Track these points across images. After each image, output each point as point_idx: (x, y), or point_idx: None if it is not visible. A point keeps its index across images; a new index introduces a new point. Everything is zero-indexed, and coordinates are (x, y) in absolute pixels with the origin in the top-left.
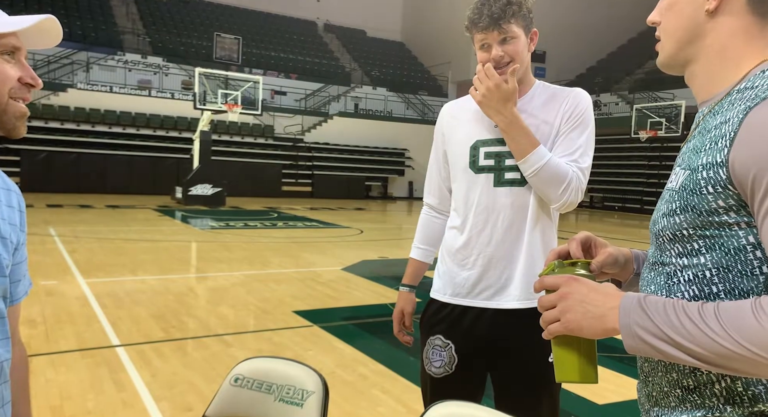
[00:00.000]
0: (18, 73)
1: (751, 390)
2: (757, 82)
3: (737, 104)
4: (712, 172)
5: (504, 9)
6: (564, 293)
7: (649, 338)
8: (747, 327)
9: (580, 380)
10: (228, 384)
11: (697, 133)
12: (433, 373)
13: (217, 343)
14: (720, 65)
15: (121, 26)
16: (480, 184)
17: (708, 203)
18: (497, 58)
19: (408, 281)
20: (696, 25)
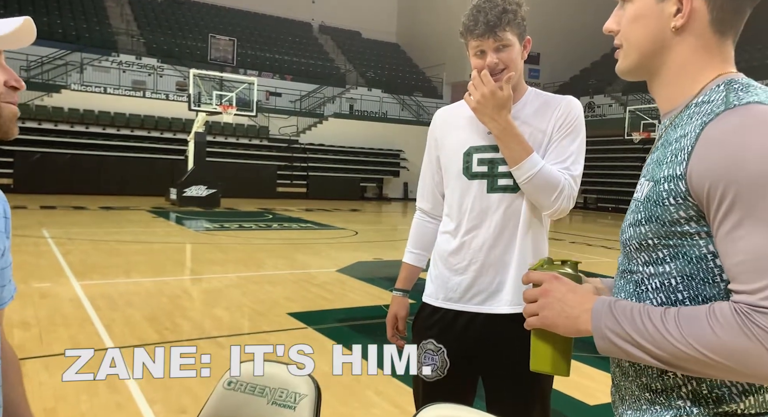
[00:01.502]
0: (3, 77)
1: (715, 392)
2: (712, 96)
3: (695, 118)
4: (672, 184)
5: (500, 17)
6: (545, 290)
7: (617, 340)
8: (701, 332)
9: (552, 372)
10: (221, 387)
11: (660, 145)
12: (425, 378)
13: (211, 345)
14: (681, 78)
15: (116, 27)
16: (473, 190)
17: (670, 214)
18: (492, 65)
19: (401, 286)
20: (662, 40)
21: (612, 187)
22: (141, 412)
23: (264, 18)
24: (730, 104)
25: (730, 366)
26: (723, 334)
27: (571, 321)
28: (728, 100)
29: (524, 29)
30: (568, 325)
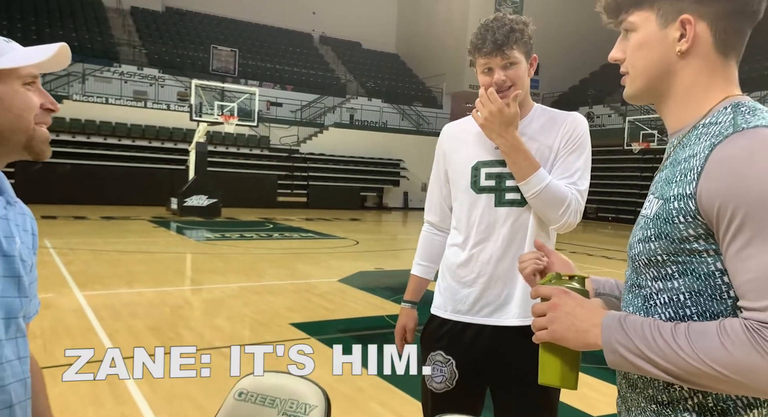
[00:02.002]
0: (39, 99)
1: (720, 405)
2: (720, 118)
3: (703, 139)
4: (682, 202)
5: (507, 36)
6: (554, 304)
7: (628, 355)
8: (711, 347)
9: (561, 385)
10: (232, 398)
11: (669, 164)
12: (434, 389)
13: (215, 356)
14: (688, 100)
15: (117, 38)
16: (481, 204)
17: (679, 232)
18: (500, 83)
19: (409, 298)
20: (667, 64)
21: (612, 196)
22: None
23: (265, 29)
24: (738, 127)
25: (741, 381)
26: (734, 350)
27: (581, 335)
28: (736, 122)
29: (531, 48)
30: (577, 339)
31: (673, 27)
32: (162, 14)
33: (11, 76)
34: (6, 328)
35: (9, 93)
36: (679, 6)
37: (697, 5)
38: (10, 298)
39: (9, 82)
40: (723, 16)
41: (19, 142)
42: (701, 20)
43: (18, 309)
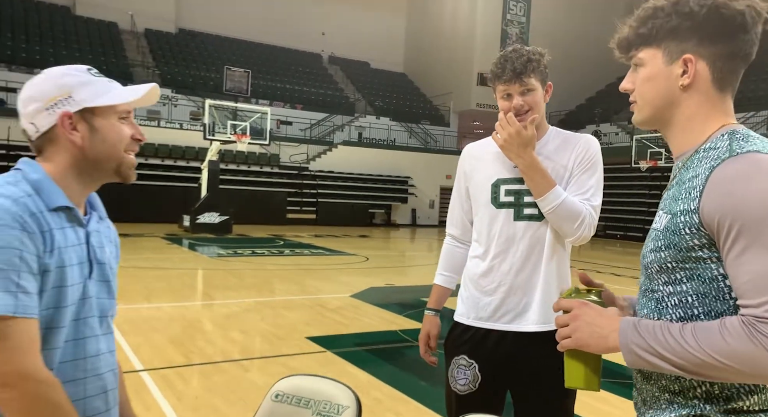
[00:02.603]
0: (130, 131)
1: (725, 392)
2: (718, 144)
3: (704, 162)
4: (687, 217)
5: (525, 65)
6: (575, 315)
7: (643, 353)
8: (714, 341)
9: (585, 387)
10: (269, 400)
11: (675, 184)
12: (458, 391)
13: (235, 367)
14: (689, 128)
15: (132, 59)
16: (501, 218)
17: (686, 242)
18: (518, 107)
19: (433, 306)
20: (671, 96)
21: (620, 214)
22: None
23: (275, 49)
24: (733, 152)
25: (740, 369)
26: (733, 341)
27: (602, 340)
28: (732, 148)
29: (546, 76)
30: (599, 343)
31: (677, 64)
32: (175, 36)
33: (110, 111)
34: (101, 325)
35: (107, 126)
36: (682, 46)
37: (697, 47)
38: (103, 300)
39: (108, 116)
40: (720, 58)
41: (111, 168)
42: (701, 60)
43: (108, 309)
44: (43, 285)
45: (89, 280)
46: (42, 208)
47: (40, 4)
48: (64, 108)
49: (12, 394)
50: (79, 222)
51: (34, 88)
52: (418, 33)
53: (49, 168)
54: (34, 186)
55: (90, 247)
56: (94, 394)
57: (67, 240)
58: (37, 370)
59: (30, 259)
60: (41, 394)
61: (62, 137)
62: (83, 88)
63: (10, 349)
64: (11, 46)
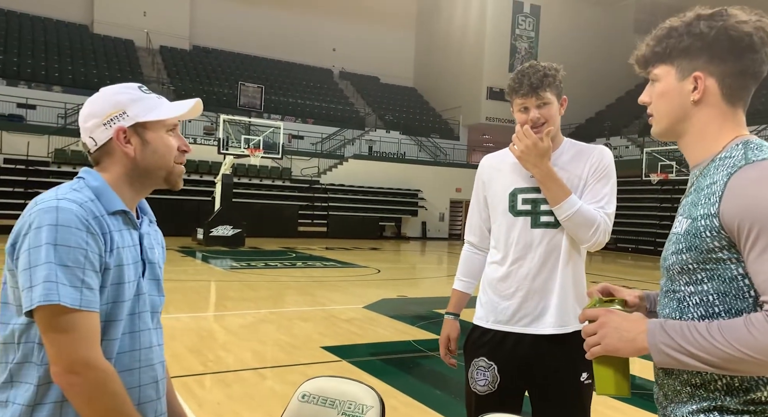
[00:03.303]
0: (177, 143)
1: (744, 384)
2: (733, 153)
3: (721, 170)
4: (708, 220)
5: (542, 80)
6: (603, 322)
7: (672, 352)
8: (741, 336)
9: (616, 393)
10: (296, 400)
11: (693, 191)
12: (477, 391)
13: (253, 376)
14: (704, 139)
15: (147, 75)
16: (518, 226)
17: (707, 244)
18: (534, 120)
19: (452, 310)
20: (684, 110)
21: (631, 227)
22: None
23: (287, 65)
24: (749, 160)
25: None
26: (759, 335)
27: (630, 343)
28: (747, 156)
29: (561, 90)
30: (627, 346)
31: (688, 81)
32: (189, 52)
33: (159, 125)
34: (152, 320)
35: (157, 139)
36: (693, 64)
37: (707, 65)
38: (154, 296)
39: (157, 130)
40: (729, 75)
41: (161, 177)
42: (710, 77)
43: (158, 305)
44: (104, 281)
45: (142, 278)
46: (103, 212)
47: (59, 23)
48: (119, 123)
49: (77, 380)
50: (133, 225)
51: (92, 105)
52: (427, 48)
53: (106, 177)
54: (95, 192)
55: (143, 248)
56: (147, 383)
57: (124, 241)
58: (98, 359)
59: (94, 258)
60: (102, 381)
61: (117, 150)
62: (135, 104)
63: (76, 340)
64: (31, 63)
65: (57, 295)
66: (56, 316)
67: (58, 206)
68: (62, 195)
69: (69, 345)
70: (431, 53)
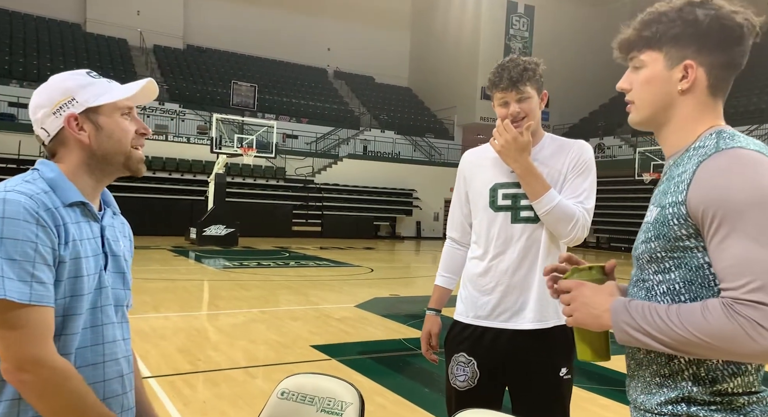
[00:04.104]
0: (134, 126)
1: (711, 375)
2: (706, 142)
3: (693, 159)
4: (676, 208)
5: (521, 73)
6: (573, 296)
7: (632, 332)
8: (697, 321)
9: (595, 359)
10: (275, 397)
11: (665, 180)
12: (457, 387)
13: (241, 374)
14: (683, 129)
15: (140, 75)
16: (499, 221)
17: (674, 232)
18: (514, 114)
19: (434, 305)
20: (670, 99)
21: (624, 226)
22: None
23: (281, 64)
24: (719, 148)
25: (719, 346)
26: (713, 321)
27: (596, 319)
28: (718, 145)
29: (541, 85)
30: (594, 322)
31: (677, 69)
32: (183, 52)
33: (112, 109)
34: (116, 314)
35: (111, 123)
36: (683, 53)
37: (696, 54)
38: (118, 290)
39: (111, 114)
40: (716, 66)
41: (120, 162)
42: (700, 67)
43: (123, 298)
44: (60, 275)
45: (104, 271)
46: (58, 204)
47: (51, 22)
48: (69, 110)
49: (28, 378)
50: (93, 217)
51: (40, 95)
52: (422, 48)
53: (63, 167)
54: (50, 184)
55: (105, 240)
56: (112, 378)
57: (81, 233)
58: (50, 357)
59: (45, 251)
60: (54, 380)
61: (71, 138)
62: (84, 90)
63: (26, 336)
64: (23, 62)
65: (3, 290)
66: (3, 311)
67: (5, 198)
68: (11, 187)
69: (17, 342)
70: (426, 53)
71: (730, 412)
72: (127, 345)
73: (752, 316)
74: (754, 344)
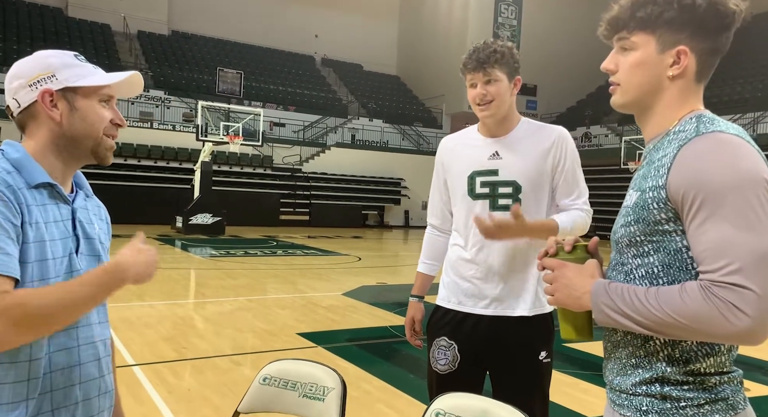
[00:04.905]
0: (110, 115)
1: (684, 355)
2: (686, 126)
3: (673, 143)
4: (656, 192)
5: (489, 55)
6: (555, 276)
7: (611, 313)
8: (674, 303)
9: (577, 338)
10: (257, 383)
11: (645, 164)
12: (438, 370)
13: (227, 362)
14: (665, 113)
15: (125, 61)
16: (478, 209)
17: (654, 216)
18: (480, 96)
19: (416, 292)
20: (659, 83)
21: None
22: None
23: (268, 52)
24: (700, 132)
25: (695, 327)
26: (690, 303)
27: (576, 300)
28: (698, 129)
29: (514, 70)
30: (574, 304)
31: (669, 54)
32: (168, 38)
33: (92, 94)
34: None
35: (87, 107)
36: (677, 37)
37: (689, 40)
38: None
39: (89, 98)
40: (706, 52)
41: (88, 147)
42: (692, 53)
43: None
44: (26, 257)
45: (76, 255)
46: (21, 185)
47: (32, 6)
48: (46, 85)
49: None
50: (62, 199)
51: (20, 67)
52: (410, 36)
53: (31, 145)
54: (15, 164)
55: (77, 223)
56: (88, 361)
57: (47, 216)
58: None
59: (7, 225)
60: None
61: (42, 113)
62: (67, 69)
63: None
64: (2, 47)
65: None
66: None
67: None
68: None
69: None
70: (414, 41)
71: (702, 391)
72: (103, 328)
73: (729, 298)
74: (730, 326)
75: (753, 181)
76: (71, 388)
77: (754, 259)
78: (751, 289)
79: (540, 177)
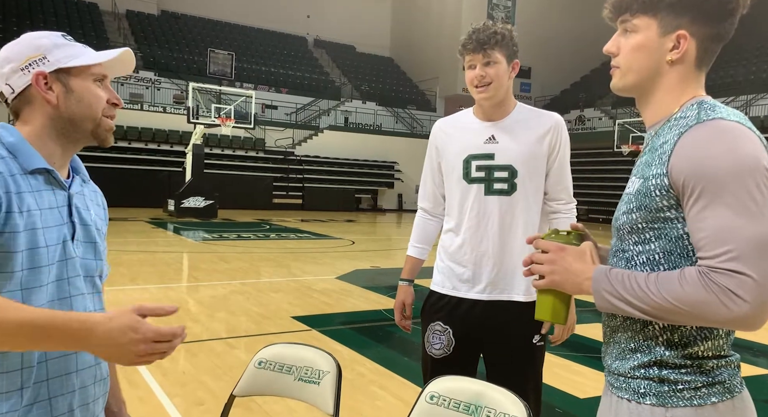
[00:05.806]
0: (106, 95)
1: (683, 340)
2: (687, 113)
3: (674, 129)
4: (658, 180)
5: (489, 37)
6: (553, 259)
7: (611, 298)
8: (673, 288)
9: (552, 320)
10: (253, 367)
11: (648, 151)
12: (433, 355)
13: (221, 345)
14: (666, 99)
15: (113, 41)
16: (473, 193)
17: (656, 203)
18: (479, 78)
19: (406, 276)
20: (658, 67)
21: (602, 198)
22: (162, 404)
23: (260, 32)
24: (701, 119)
25: (692, 313)
26: (689, 288)
27: (577, 286)
28: (699, 116)
29: (514, 53)
30: (574, 289)
31: (669, 38)
32: (158, 18)
33: (85, 73)
34: (86, 285)
35: (82, 88)
36: (678, 21)
37: (690, 25)
38: (88, 260)
39: (83, 78)
40: (707, 38)
41: (87, 129)
42: (692, 38)
43: (94, 269)
44: (15, 246)
45: (72, 242)
46: (15, 171)
47: None
48: (39, 68)
49: None
50: (59, 184)
51: (10, 50)
52: (404, 17)
53: (27, 130)
54: (11, 149)
55: (73, 209)
56: None
57: (42, 202)
58: None
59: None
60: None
61: (37, 97)
62: (58, 49)
63: None
64: None
65: None
66: None
67: None
68: None
69: None
70: (408, 22)
71: (700, 374)
72: None
73: (727, 284)
74: (728, 312)
75: (753, 168)
76: (68, 376)
77: (752, 246)
78: (750, 276)
79: (536, 162)
